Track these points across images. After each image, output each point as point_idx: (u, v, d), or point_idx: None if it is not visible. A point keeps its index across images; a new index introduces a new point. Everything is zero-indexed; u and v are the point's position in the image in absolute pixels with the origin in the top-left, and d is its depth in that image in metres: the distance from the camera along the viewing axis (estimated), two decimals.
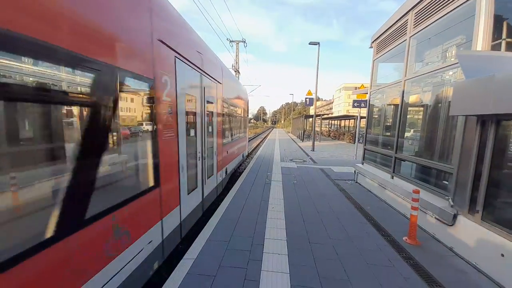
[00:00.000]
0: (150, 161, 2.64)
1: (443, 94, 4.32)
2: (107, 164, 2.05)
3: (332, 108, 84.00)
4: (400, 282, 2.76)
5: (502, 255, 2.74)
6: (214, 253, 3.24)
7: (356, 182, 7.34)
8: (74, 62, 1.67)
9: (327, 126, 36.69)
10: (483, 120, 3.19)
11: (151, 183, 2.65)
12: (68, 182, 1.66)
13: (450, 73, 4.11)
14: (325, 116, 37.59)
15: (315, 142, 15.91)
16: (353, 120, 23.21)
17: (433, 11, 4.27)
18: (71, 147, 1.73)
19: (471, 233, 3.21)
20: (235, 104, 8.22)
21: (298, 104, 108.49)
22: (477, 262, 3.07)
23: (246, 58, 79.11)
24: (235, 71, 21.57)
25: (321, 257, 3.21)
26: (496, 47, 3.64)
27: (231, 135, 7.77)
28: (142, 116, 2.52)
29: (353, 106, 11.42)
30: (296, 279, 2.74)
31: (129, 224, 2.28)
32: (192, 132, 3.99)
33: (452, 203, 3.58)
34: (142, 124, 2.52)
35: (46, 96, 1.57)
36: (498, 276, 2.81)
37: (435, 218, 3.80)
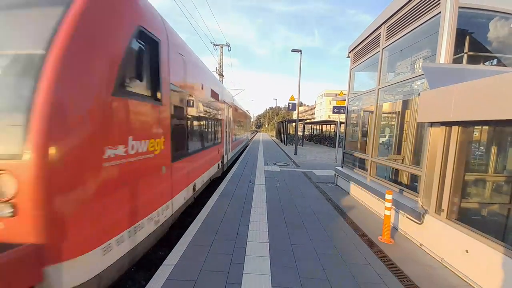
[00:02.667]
0: None
1: (412, 102, 4.68)
2: None
3: (314, 114, 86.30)
4: (374, 279, 2.91)
5: (467, 251, 2.98)
6: (196, 257, 3.20)
7: (336, 184, 7.61)
8: None
9: (310, 131, 37.64)
10: (446, 127, 3.49)
11: None
12: None
13: (418, 83, 4.47)
14: (308, 121, 38.56)
15: (297, 146, 16.24)
16: (334, 125, 24.02)
17: (403, 26, 4.63)
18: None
19: (437, 231, 3.47)
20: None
21: (282, 109, 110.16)
22: (444, 258, 3.32)
23: (231, 62, 79.38)
24: (219, 75, 21.49)
25: (302, 258, 3.29)
26: (458, 60, 4.03)
27: None
28: None
29: (333, 112, 11.88)
30: (277, 280, 2.79)
31: None
32: None
33: (421, 203, 3.85)
34: None
35: None
36: (463, 270, 3.04)
37: (406, 217, 4.05)
